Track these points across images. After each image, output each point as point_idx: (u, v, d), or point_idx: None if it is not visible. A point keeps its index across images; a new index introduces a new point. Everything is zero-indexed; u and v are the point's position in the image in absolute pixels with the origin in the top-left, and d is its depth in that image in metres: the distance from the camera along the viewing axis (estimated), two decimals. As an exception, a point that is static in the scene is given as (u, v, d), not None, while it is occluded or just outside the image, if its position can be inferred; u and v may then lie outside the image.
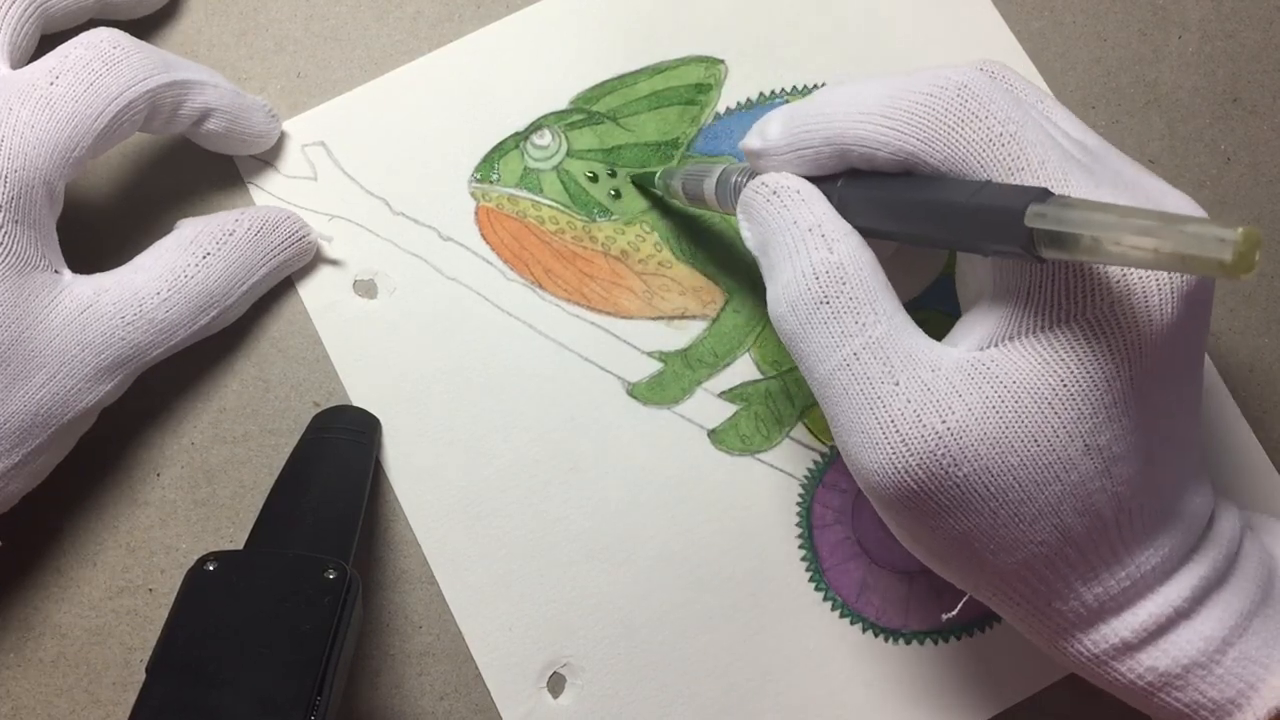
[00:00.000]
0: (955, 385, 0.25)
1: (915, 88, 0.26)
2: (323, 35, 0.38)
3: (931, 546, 0.27)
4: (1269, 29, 0.39)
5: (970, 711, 0.35)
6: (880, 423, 0.25)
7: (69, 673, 0.34)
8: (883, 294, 0.26)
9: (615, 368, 0.36)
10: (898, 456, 0.25)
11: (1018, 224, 0.22)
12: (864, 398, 0.26)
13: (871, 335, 0.26)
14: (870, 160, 0.26)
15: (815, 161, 0.28)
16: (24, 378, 0.30)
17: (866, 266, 0.26)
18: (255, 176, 0.37)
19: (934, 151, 0.25)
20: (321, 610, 0.28)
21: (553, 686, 0.34)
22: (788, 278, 0.27)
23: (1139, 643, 0.26)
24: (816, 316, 0.26)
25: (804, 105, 0.28)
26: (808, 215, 0.27)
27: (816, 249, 0.27)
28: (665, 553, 0.35)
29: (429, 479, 0.35)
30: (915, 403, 0.25)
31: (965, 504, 0.25)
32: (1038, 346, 0.25)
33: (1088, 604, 0.26)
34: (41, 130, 0.30)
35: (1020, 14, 0.39)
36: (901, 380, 0.25)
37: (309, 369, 0.36)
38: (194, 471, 0.35)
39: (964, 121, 0.25)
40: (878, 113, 0.26)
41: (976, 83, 0.26)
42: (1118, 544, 0.26)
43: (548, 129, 0.38)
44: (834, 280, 0.26)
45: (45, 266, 0.31)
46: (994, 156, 0.25)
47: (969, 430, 0.25)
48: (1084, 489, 0.25)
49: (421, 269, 0.37)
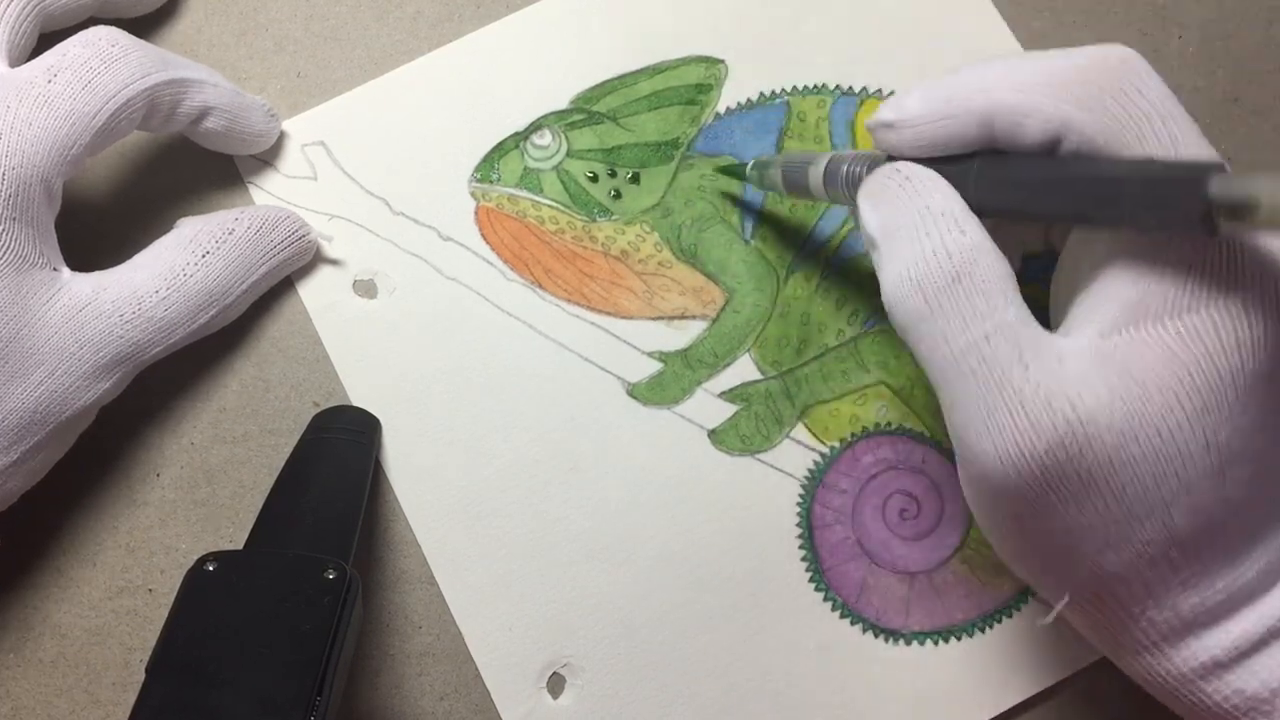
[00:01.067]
0: (1084, 372, 0.25)
1: (1074, 57, 0.25)
2: (323, 35, 0.38)
3: (1036, 543, 0.26)
4: (1269, 29, 0.39)
5: (970, 711, 0.35)
6: (1009, 405, 0.25)
7: (69, 673, 0.34)
8: (1011, 282, 0.26)
9: (615, 368, 0.36)
10: (1025, 439, 0.25)
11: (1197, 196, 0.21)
12: (993, 380, 0.25)
13: (1002, 318, 0.25)
14: (1016, 130, 0.26)
15: (953, 133, 0.27)
16: (22, 375, 0.30)
17: (995, 253, 0.26)
18: (255, 176, 0.37)
19: (1092, 120, 0.25)
20: (321, 610, 0.28)
21: (553, 686, 0.34)
22: (914, 257, 0.26)
23: (1229, 661, 0.25)
24: (948, 295, 0.26)
25: (943, 80, 0.27)
26: (940, 201, 0.26)
27: (949, 231, 0.26)
28: (665, 553, 0.35)
29: (429, 479, 0.35)
30: (1045, 386, 0.24)
31: (1083, 494, 0.25)
32: (1166, 336, 0.24)
33: (1182, 614, 0.25)
34: (40, 128, 0.30)
35: (1020, 14, 0.39)
36: (1032, 365, 0.25)
37: (309, 369, 0.36)
38: (194, 471, 0.35)
39: (1125, 93, 0.25)
40: (1031, 79, 0.25)
41: (1136, 59, 0.25)
42: (1221, 550, 0.25)
43: (548, 129, 0.37)
44: (968, 260, 0.26)
45: (44, 264, 0.31)
46: (1152, 132, 0.24)
47: (1097, 418, 0.24)
48: (1198, 487, 0.24)
49: (421, 269, 0.37)
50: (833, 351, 0.36)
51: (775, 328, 0.37)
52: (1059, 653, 0.35)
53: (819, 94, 0.38)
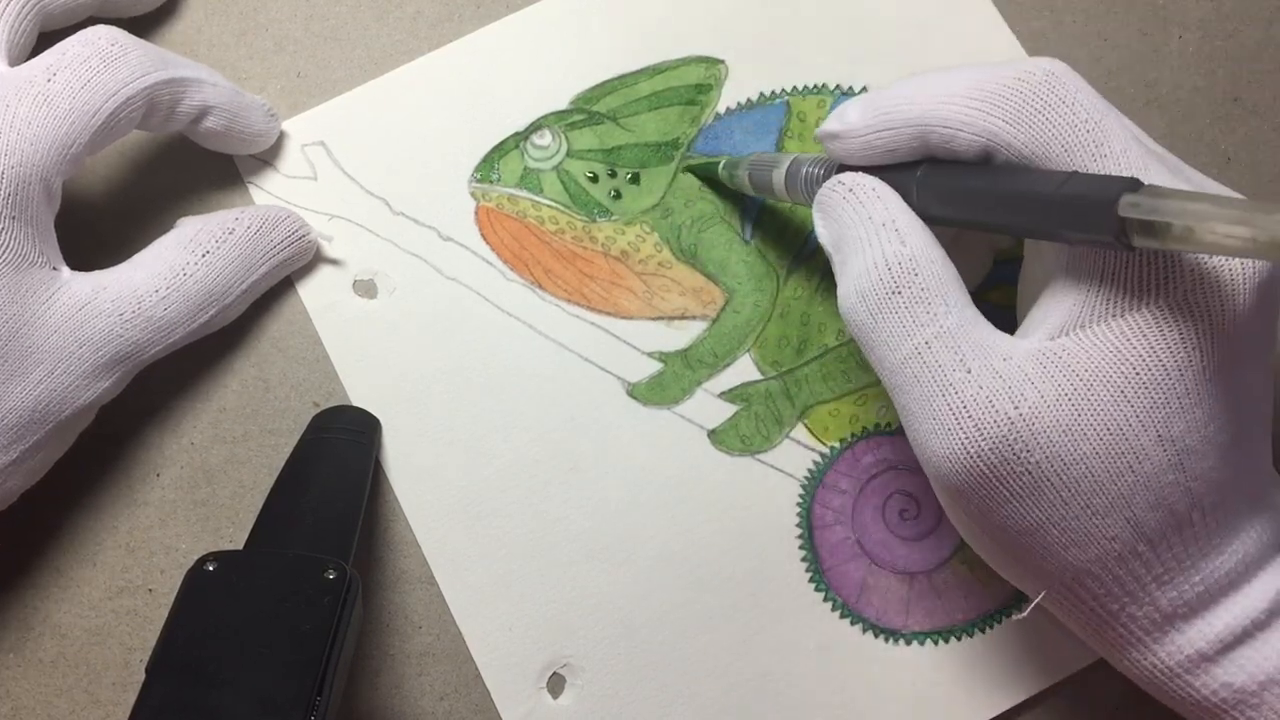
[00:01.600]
0: (1028, 373, 0.25)
1: (1001, 72, 0.26)
2: (323, 35, 0.38)
3: (1001, 540, 0.27)
4: (1269, 29, 0.39)
5: (970, 711, 0.35)
6: (952, 408, 0.26)
7: (69, 673, 0.34)
8: (953, 287, 0.27)
9: (615, 368, 0.36)
10: (970, 441, 0.25)
11: (1110, 213, 0.22)
12: (935, 384, 0.26)
13: (943, 325, 0.26)
14: (950, 142, 0.27)
15: (893, 144, 0.28)
16: (21, 374, 0.30)
17: (938, 260, 0.27)
18: (255, 176, 0.37)
19: (1018, 133, 0.26)
20: (321, 610, 0.28)
21: (553, 687, 0.34)
22: (859, 269, 0.27)
23: (1214, 654, 0.26)
24: (888, 306, 0.27)
25: (884, 91, 0.28)
26: (882, 211, 0.27)
27: (889, 242, 0.27)
28: (665, 553, 0.35)
29: (429, 479, 0.35)
30: (987, 389, 0.25)
31: (1036, 491, 0.25)
32: (1110, 334, 0.25)
33: (1161, 608, 0.26)
34: (39, 127, 0.30)
35: (1020, 14, 0.39)
36: (974, 368, 0.26)
37: (309, 369, 0.36)
38: (194, 471, 0.35)
39: (1050, 106, 0.25)
40: (962, 94, 0.26)
41: (1063, 72, 0.26)
42: (1191, 542, 0.25)
43: (548, 129, 0.37)
44: (906, 271, 0.26)
45: (43, 263, 0.31)
46: (1078, 142, 0.25)
47: (1041, 416, 0.25)
48: (1156, 481, 0.25)
49: (421, 269, 0.37)
50: (833, 351, 0.36)
51: (775, 328, 0.37)
52: (1059, 653, 0.35)
53: (819, 94, 0.38)
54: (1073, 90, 0.26)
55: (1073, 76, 0.26)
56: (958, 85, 0.27)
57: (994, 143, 0.26)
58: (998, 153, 0.26)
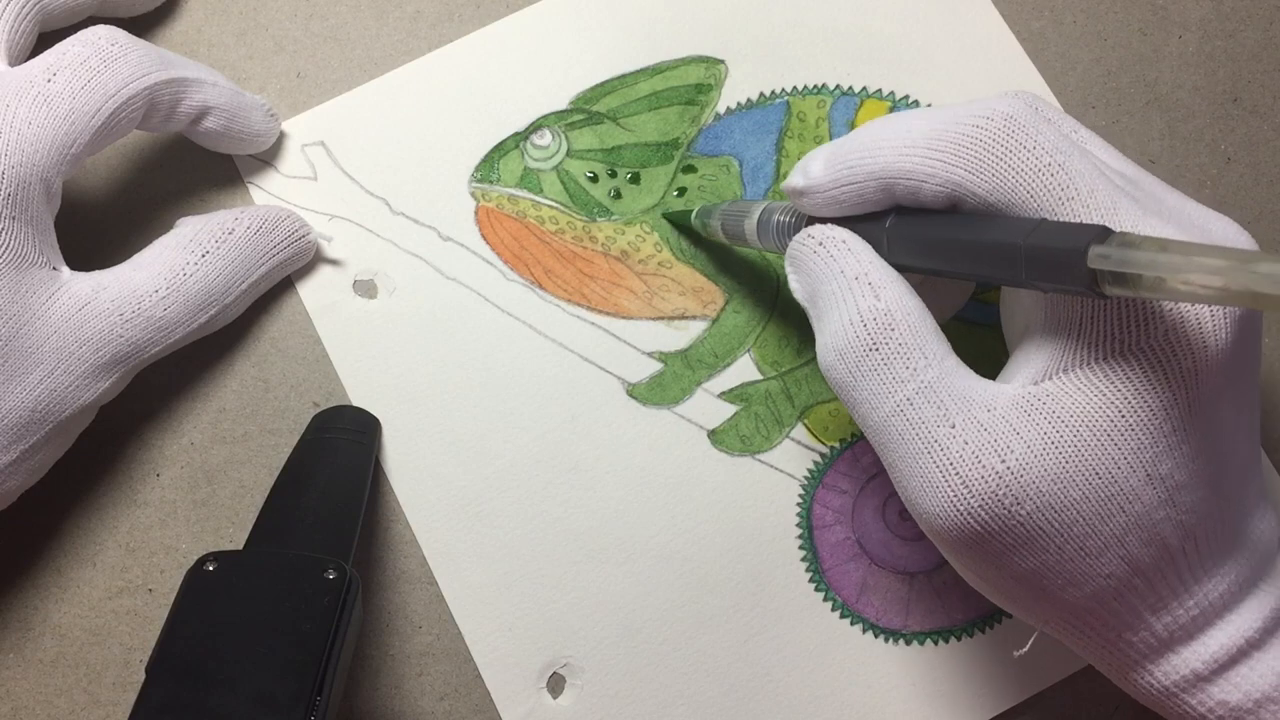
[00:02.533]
0: (1012, 423, 0.25)
1: (960, 119, 0.26)
2: (323, 35, 0.38)
3: (999, 585, 0.27)
4: (1269, 29, 0.39)
5: (970, 711, 0.35)
6: (939, 466, 0.25)
7: (69, 673, 0.34)
8: (932, 338, 0.26)
9: (615, 368, 0.36)
10: (959, 499, 0.25)
11: (1080, 264, 0.22)
12: (921, 442, 0.26)
13: (923, 380, 0.26)
14: (915, 193, 0.26)
15: (860, 197, 0.27)
16: (21, 374, 0.30)
17: (914, 312, 0.26)
18: (255, 176, 0.37)
19: (981, 182, 0.25)
20: (321, 610, 0.28)
21: (553, 686, 0.34)
22: (835, 326, 0.27)
23: (1210, 674, 0.26)
24: (866, 363, 0.26)
25: (846, 141, 0.28)
26: (854, 264, 0.27)
27: (863, 296, 0.26)
28: (665, 553, 0.35)
29: (429, 479, 0.35)
30: (973, 444, 0.25)
31: (1030, 542, 0.25)
32: (1093, 378, 0.25)
33: (1158, 634, 0.26)
34: (39, 127, 0.30)
35: (1020, 14, 0.39)
36: (957, 422, 0.25)
37: (309, 369, 0.36)
38: (194, 471, 0.35)
39: (1011, 151, 0.25)
40: (923, 145, 0.26)
41: (1021, 113, 0.25)
42: (1185, 571, 0.25)
43: (548, 129, 0.37)
44: (882, 327, 0.26)
45: (43, 263, 0.31)
46: (1043, 186, 0.25)
47: (1029, 468, 0.25)
48: (1148, 519, 0.25)
49: (421, 269, 0.37)
50: (833, 351, 0.36)
51: (775, 328, 0.37)
52: (1059, 653, 0.35)
53: (819, 94, 0.38)
54: (1032, 133, 0.25)
55: (1032, 116, 0.26)
56: (918, 134, 0.26)
57: (958, 193, 0.25)
58: (964, 201, 0.26)
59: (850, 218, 0.28)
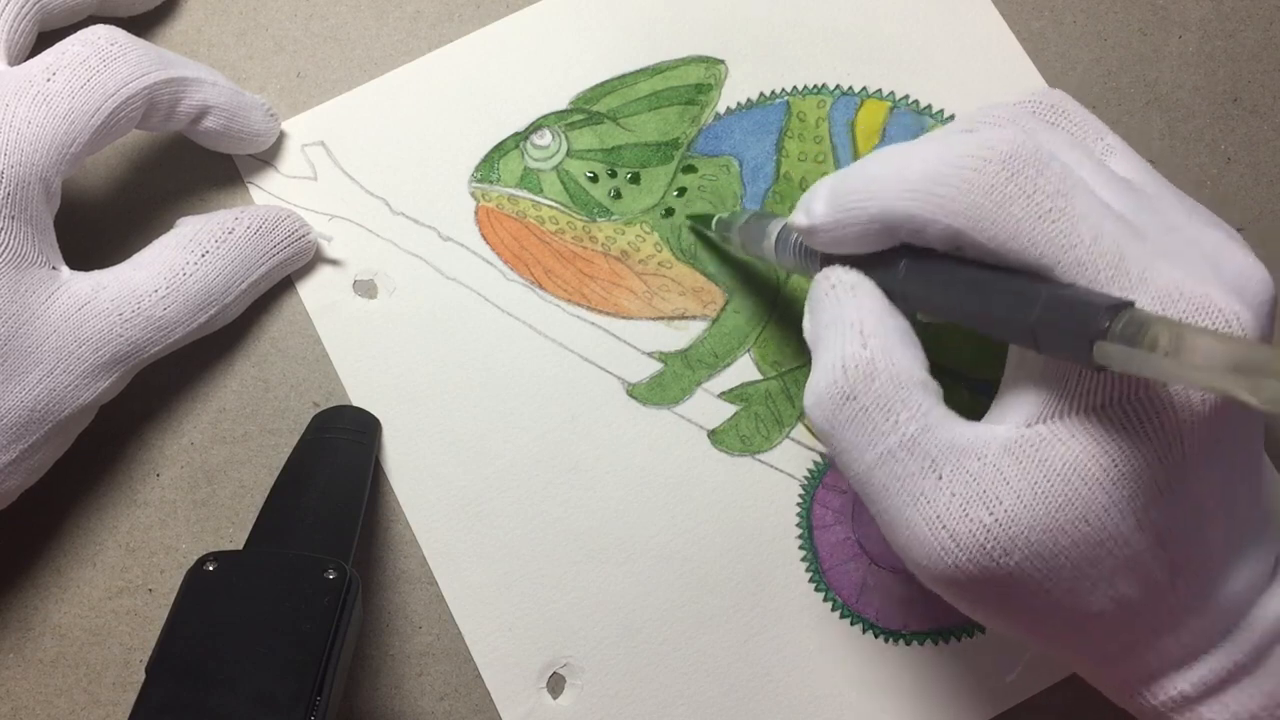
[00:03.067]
0: (1002, 471, 0.25)
1: (960, 158, 0.25)
2: (323, 35, 0.38)
3: (989, 623, 0.27)
4: (1269, 29, 0.39)
5: (970, 711, 0.35)
6: (925, 519, 0.25)
7: (69, 673, 0.34)
8: (917, 391, 0.25)
9: (615, 368, 0.36)
10: (946, 552, 0.25)
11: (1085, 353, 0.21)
12: (906, 495, 0.25)
13: (905, 433, 0.25)
14: (919, 235, 0.25)
15: (863, 235, 0.26)
16: (21, 373, 0.30)
17: (899, 364, 0.26)
18: (255, 176, 0.37)
19: (981, 229, 0.24)
20: (321, 610, 0.28)
21: (553, 686, 0.34)
22: (819, 370, 0.27)
23: (1199, 696, 0.26)
24: (843, 412, 0.26)
25: (848, 177, 0.27)
26: (853, 311, 0.26)
27: (850, 343, 0.26)
28: (665, 553, 0.35)
29: (429, 479, 0.35)
30: (960, 496, 0.25)
31: (1019, 588, 0.25)
32: (1087, 426, 0.24)
33: (1148, 663, 0.26)
34: (38, 126, 0.30)
35: (1020, 14, 0.39)
36: (944, 473, 0.25)
37: (309, 369, 0.36)
38: (194, 471, 0.35)
39: (1010, 198, 0.24)
40: (922, 188, 0.25)
41: (1023, 151, 0.24)
42: (1176, 606, 0.25)
43: (548, 129, 0.37)
44: (862, 376, 0.25)
45: (43, 263, 0.31)
46: (1044, 234, 0.24)
47: (1018, 519, 0.24)
48: (1138, 561, 0.25)
49: (421, 269, 0.37)
50: (833, 351, 0.36)
51: (775, 328, 0.37)
52: (1059, 653, 0.35)
53: (819, 94, 0.38)
54: (1032, 176, 0.24)
55: (1034, 154, 0.25)
56: (916, 174, 0.25)
57: (959, 239, 0.25)
58: (964, 247, 0.25)
59: (866, 256, 0.27)
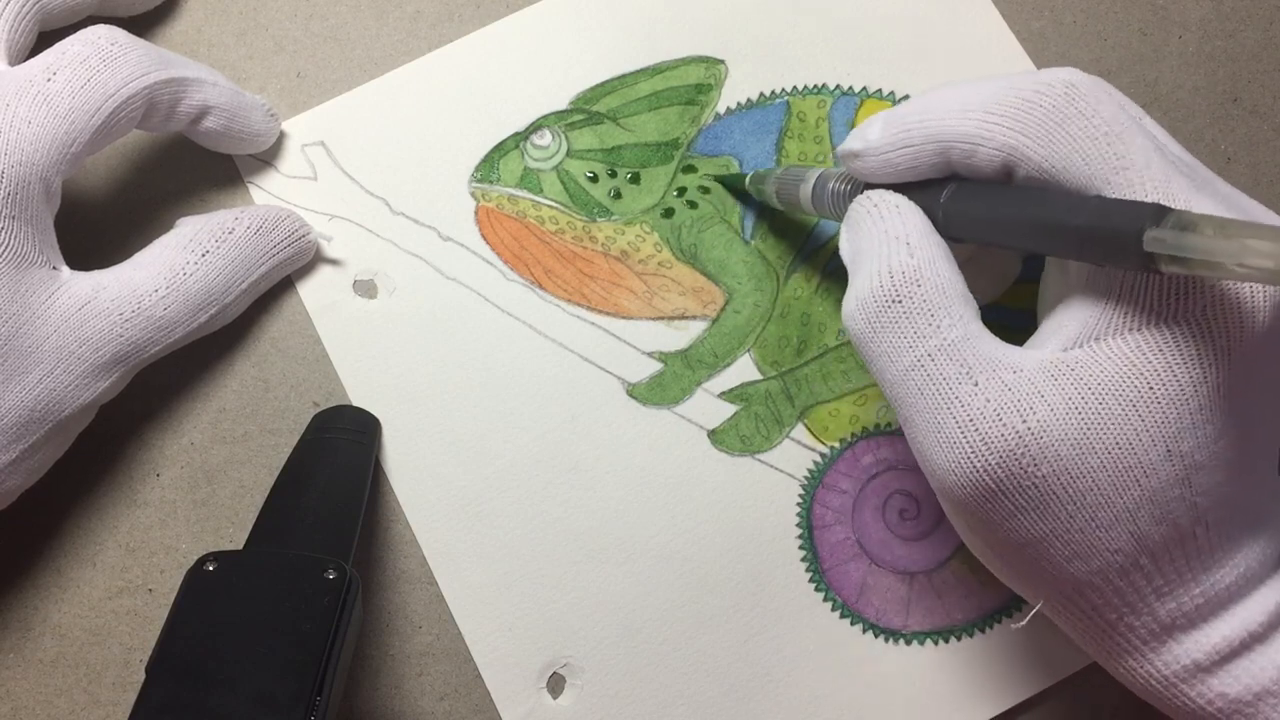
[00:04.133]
0: (1038, 385, 0.25)
1: (1020, 85, 0.26)
2: (323, 35, 0.38)
3: (1003, 552, 0.27)
4: (1269, 29, 0.39)
5: (970, 711, 0.35)
6: (958, 421, 0.25)
7: (69, 673, 0.34)
8: (959, 302, 0.26)
9: (615, 368, 0.36)
10: (976, 455, 0.25)
11: (1135, 246, 0.22)
12: (940, 398, 0.26)
13: (946, 338, 0.26)
14: (970, 157, 0.26)
15: (915, 160, 0.27)
16: (21, 373, 0.30)
17: (945, 273, 0.26)
18: (255, 176, 0.37)
19: (1037, 147, 0.25)
20: (321, 610, 0.28)
21: (553, 687, 0.34)
22: (863, 278, 0.27)
23: (1211, 665, 0.25)
24: (887, 315, 0.26)
25: (905, 106, 0.28)
26: (899, 226, 0.27)
27: (897, 253, 0.27)
28: (665, 553, 0.35)
29: (429, 479, 0.35)
30: (995, 402, 0.25)
31: (1042, 505, 0.25)
32: (1125, 348, 0.25)
33: (1160, 619, 0.26)
34: (38, 126, 0.30)
35: (1020, 14, 0.39)
36: (980, 380, 0.25)
37: (309, 369, 0.36)
38: (194, 471, 0.35)
39: (1069, 118, 0.25)
40: (980, 108, 0.26)
41: (1083, 83, 0.26)
42: (1193, 556, 0.25)
43: (548, 129, 0.37)
44: (909, 281, 0.26)
45: (43, 263, 0.31)
46: (1098, 154, 0.25)
47: (1050, 430, 0.24)
48: (1162, 496, 0.25)
49: (421, 269, 0.37)
50: (833, 351, 0.36)
51: (775, 328, 0.37)
52: (1059, 653, 0.35)
53: (819, 94, 0.38)
54: (1092, 102, 0.25)
55: (1093, 87, 0.26)
56: (976, 99, 0.26)
57: (1014, 158, 0.26)
58: (1018, 167, 0.26)
59: (908, 185, 0.28)
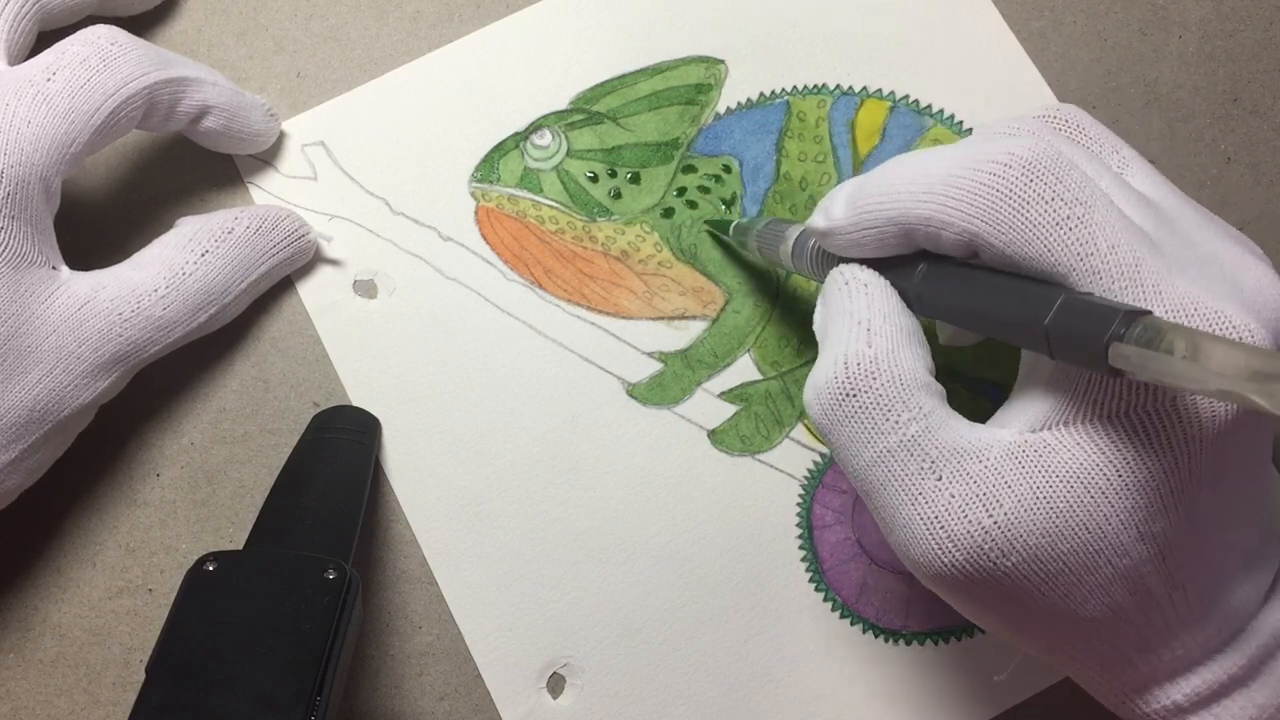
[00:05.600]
0: (1004, 475, 0.25)
1: (980, 163, 0.25)
2: (323, 35, 0.38)
3: (982, 623, 0.27)
4: (1269, 29, 0.39)
5: (970, 711, 0.35)
6: (923, 518, 0.25)
7: (69, 673, 0.34)
8: (918, 392, 0.25)
9: (615, 368, 0.36)
10: (944, 552, 0.25)
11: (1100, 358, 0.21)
12: (904, 494, 0.25)
13: (906, 433, 0.25)
14: (935, 239, 0.25)
15: (881, 239, 0.27)
16: (20, 373, 0.30)
17: (904, 363, 0.26)
18: (255, 176, 0.37)
19: (997, 234, 0.24)
20: (321, 610, 0.28)
21: (553, 687, 0.34)
22: (822, 365, 0.27)
23: (1191, 706, 0.26)
24: (842, 409, 0.26)
25: (868, 181, 0.27)
26: (863, 308, 0.26)
27: (855, 340, 0.26)
28: (665, 553, 0.35)
29: (429, 479, 0.35)
30: (960, 497, 0.25)
31: (1014, 590, 0.25)
32: (1094, 435, 0.24)
33: (1141, 673, 0.26)
34: (38, 126, 0.30)
35: (1020, 14, 0.39)
36: (944, 475, 0.25)
37: (309, 369, 0.36)
38: (194, 471, 0.35)
39: (1029, 203, 0.24)
40: (941, 191, 0.25)
41: (1044, 158, 0.24)
42: (1171, 618, 0.25)
43: (548, 129, 0.37)
44: (864, 374, 0.25)
45: (43, 263, 0.31)
46: (1060, 242, 0.24)
47: (1018, 522, 0.24)
48: (1136, 572, 0.25)
49: (421, 269, 0.37)
50: (833, 351, 0.36)
51: (775, 328, 0.37)
52: (1059, 653, 0.35)
53: (819, 94, 0.38)
54: (1053, 182, 0.24)
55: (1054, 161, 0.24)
56: (936, 178, 0.25)
57: (977, 242, 0.25)
58: (982, 251, 0.25)
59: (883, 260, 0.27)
